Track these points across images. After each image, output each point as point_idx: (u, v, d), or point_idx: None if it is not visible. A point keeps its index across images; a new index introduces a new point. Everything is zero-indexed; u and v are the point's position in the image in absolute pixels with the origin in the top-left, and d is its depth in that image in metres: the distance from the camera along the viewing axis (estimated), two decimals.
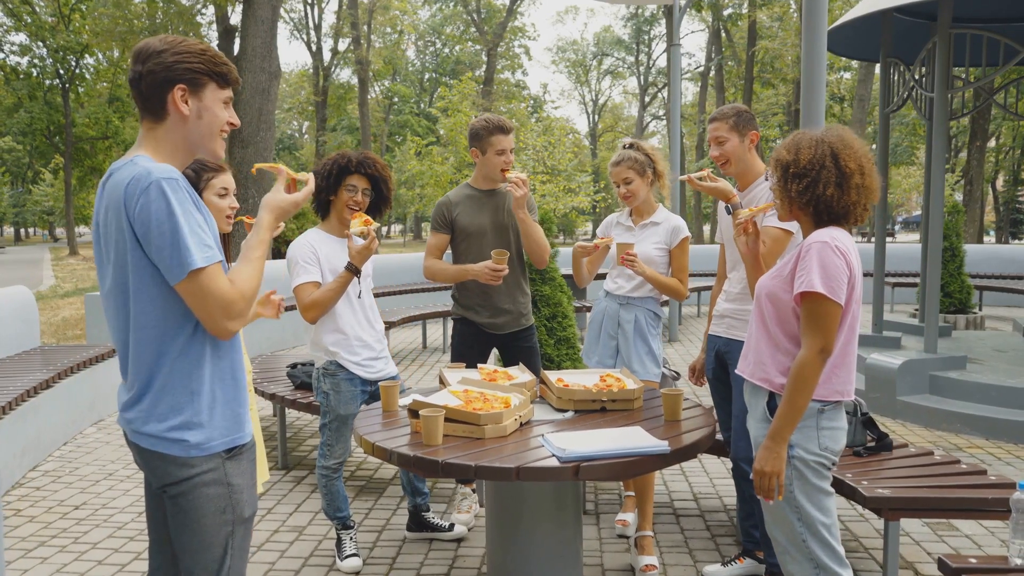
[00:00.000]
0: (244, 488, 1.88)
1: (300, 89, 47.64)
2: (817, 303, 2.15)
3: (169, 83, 1.80)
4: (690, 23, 40.68)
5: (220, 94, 1.88)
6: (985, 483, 3.08)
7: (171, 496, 1.82)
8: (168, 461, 1.79)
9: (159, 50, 1.80)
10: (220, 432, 1.83)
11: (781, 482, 2.21)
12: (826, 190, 2.21)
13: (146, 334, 1.78)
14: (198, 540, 1.82)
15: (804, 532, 2.26)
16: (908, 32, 7.02)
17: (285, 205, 1.99)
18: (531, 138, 23.22)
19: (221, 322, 1.78)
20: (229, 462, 1.84)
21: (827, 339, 2.15)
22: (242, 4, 13.21)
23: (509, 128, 3.60)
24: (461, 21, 43.03)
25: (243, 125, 12.83)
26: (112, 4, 23.70)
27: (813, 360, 2.15)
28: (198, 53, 1.83)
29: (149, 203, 1.69)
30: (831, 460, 2.27)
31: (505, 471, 2.28)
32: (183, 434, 1.79)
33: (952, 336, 7.80)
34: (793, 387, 2.17)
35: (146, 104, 1.82)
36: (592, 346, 3.75)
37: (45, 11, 31.81)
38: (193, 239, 1.72)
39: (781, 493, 2.23)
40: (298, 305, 3.27)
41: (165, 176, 1.72)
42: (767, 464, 2.21)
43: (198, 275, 1.72)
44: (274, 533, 3.90)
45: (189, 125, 1.84)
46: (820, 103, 3.96)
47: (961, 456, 4.99)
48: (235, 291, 1.79)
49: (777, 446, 2.20)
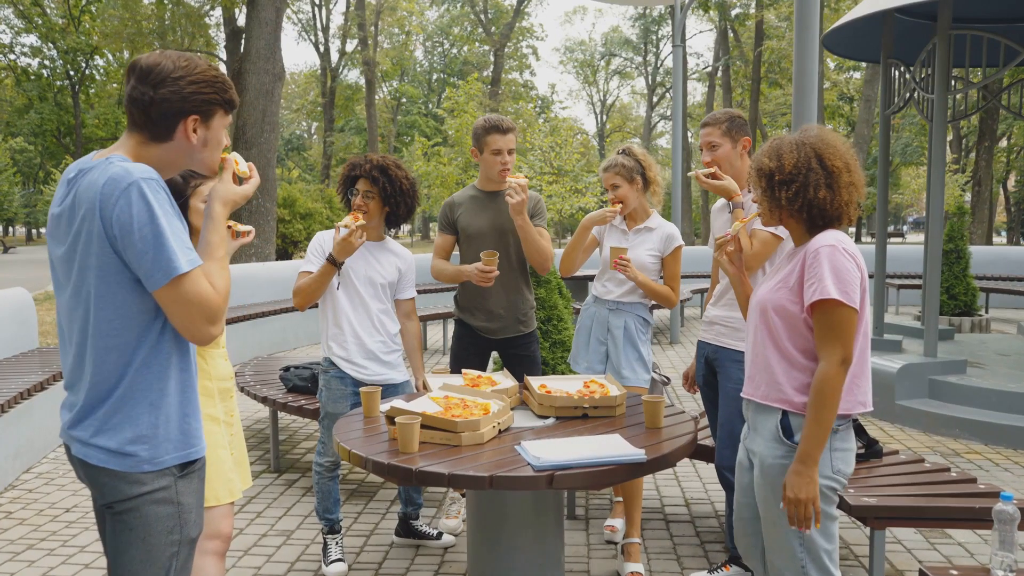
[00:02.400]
0: (193, 508, 1.82)
1: (309, 90, 47.78)
2: (833, 311, 2.05)
3: (183, 113, 1.75)
4: (698, 23, 40.56)
5: (225, 120, 1.85)
6: (974, 492, 3.04)
7: (117, 512, 1.74)
8: (118, 477, 1.72)
9: (175, 76, 1.73)
10: (174, 446, 1.77)
11: (818, 508, 2.06)
12: (817, 193, 2.12)
13: (108, 343, 1.71)
14: (140, 560, 1.74)
15: (805, 558, 2.16)
16: (909, 33, 6.96)
17: (236, 198, 1.91)
18: (538, 139, 23.21)
19: (203, 328, 1.71)
20: (181, 480, 1.78)
21: (847, 348, 2.04)
22: (246, 6, 13.23)
23: (507, 128, 3.54)
24: (468, 21, 43.05)
25: (247, 127, 12.86)
26: (121, 6, 23.87)
27: (836, 372, 2.03)
28: (211, 81, 1.78)
29: (130, 205, 1.63)
30: (841, 484, 2.17)
31: (479, 479, 2.26)
32: (136, 448, 1.72)
33: (955, 339, 7.73)
34: (818, 404, 2.04)
35: (151, 127, 1.75)
36: (581, 352, 3.72)
37: (56, 13, 32.01)
38: (176, 242, 1.66)
39: (819, 521, 2.08)
40: (294, 289, 3.41)
41: (145, 177, 1.66)
42: (801, 491, 2.05)
43: (182, 280, 1.66)
44: (262, 537, 3.90)
45: (192, 151, 1.81)
46: (812, 105, 3.92)
47: (959, 462, 4.94)
48: (217, 294, 1.73)
49: (809, 470, 2.05)
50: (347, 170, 3.45)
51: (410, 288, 3.57)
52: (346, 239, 3.17)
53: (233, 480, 2.70)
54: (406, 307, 3.57)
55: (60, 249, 1.76)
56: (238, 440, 2.80)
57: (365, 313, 3.39)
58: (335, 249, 3.21)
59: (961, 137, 33.40)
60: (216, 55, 26.79)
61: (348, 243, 3.18)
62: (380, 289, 3.42)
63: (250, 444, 5.48)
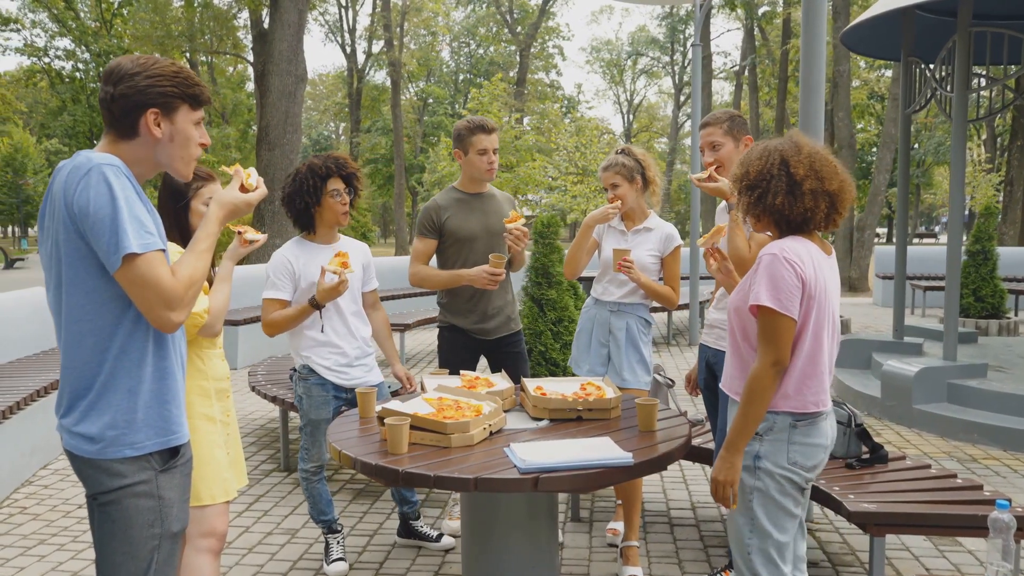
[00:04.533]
0: (175, 503, 1.85)
1: (336, 91, 48.12)
2: (768, 316, 2.12)
3: (141, 107, 1.80)
4: (726, 22, 40.19)
5: (192, 116, 1.88)
6: (979, 499, 2.98)
7: (101, 504, 1.79)
8: (100, 469, 1.77)
9: (131, 72, 1.79)
10: (154, 432, 1.80)
11: (735, 491, 2.19)
12: (775, 199, 2.16)
13: (81, 328, 1.75)
14: (123, 552, 1.79)
15: (752, 544, 2.21)
16: (930, 30, 6.83)
17: (238, 203, 1.96)
18: (563, 138, 23.17)
19: (161, 312, 1.74)
20: (162, 475, 1.82)
21: (779, 352, 2.12)
22: (269, 8, 13.37)
23: (491, 128, 3.58)
24: (494, 22, 43.07)
25: (270, 128, 13.00)
26: (151, 9, 24.20)
27: (765, 373, 2.12)
28: (171, 76, 1.82)
29: (88, 187, 1.68)
30: (802, 477, 2.20)
31: (463, 481, 2.26)
32: (114, 433, 1.76)
33: (979, 343, 7.59)
34: (747, 399, 2.15)
35: (116, 123, 1.81)
36: (583, 354, 3.71)
37: (89, 17, 32.57)
38: (132, 224, 1.69)
39: (735, 502, 2.21)
40: (261, 316, 3.32)
41: (106, 163, 1.71)
42: (721, 473, 2.20)
43: (135, 261, 1.69)
44: (267, 535, 3.93)
45: (160, 147, 1.85)
46: (820, 107, 3.87)
47: (975, 468, 4.85)
48: (175, 281, 1.75)
49: (731, 456, 2.18)
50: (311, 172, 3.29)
51: (373, 279, 3.59)
52: (335, 288, 3.14)
53: (228, 479, 2.72)
54: (371, 298, 3.60)
55: (45, 245, 1.82)
56: (234, 439, 2.83)
57: (341, 320, 3.37)
58: (320, 295, 3.17)
59: (995, 136, 32.70)
60: (244, 57, 27.11)
61: (336, 292, 3.16)
62: (351, 290, 3.40)
63: (261, 443, 5.54)
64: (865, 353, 7.13)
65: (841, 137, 17.77)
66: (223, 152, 33.35)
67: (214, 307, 2.54)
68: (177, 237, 2.59)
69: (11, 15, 30.19)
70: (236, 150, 33.81)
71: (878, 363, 6.57)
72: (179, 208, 2.60)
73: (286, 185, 3.35)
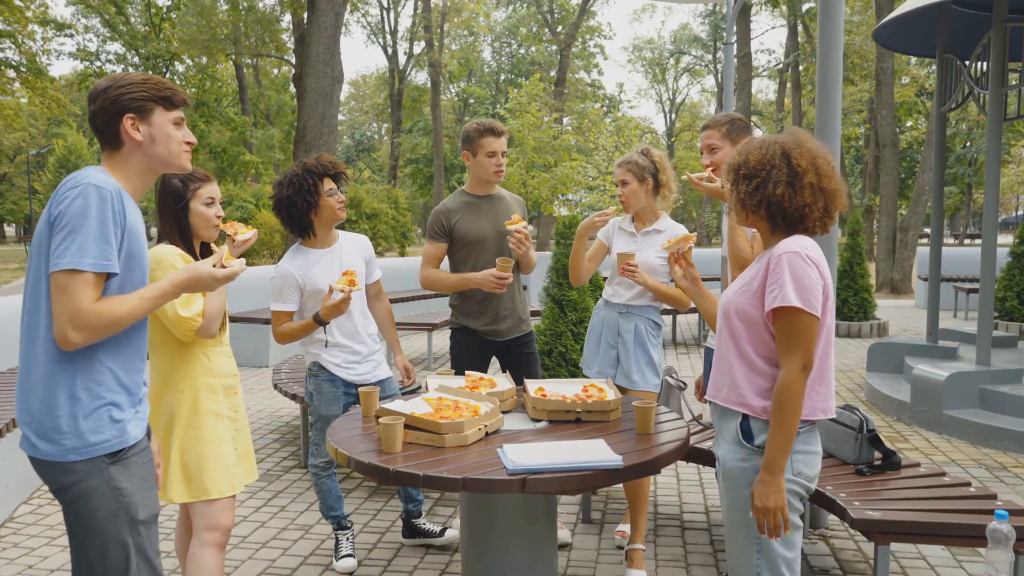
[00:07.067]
0: (134, 491, 1.90)
1: (379, 92, 48.59)
2: (793, 318, 2.01)
3: (118, 115, 1.92)
4: (770, 19, 39.54)
5: (169, 116, 1.99)
6: (990, 509, 2.90)
7: (66, 503, 1.87)
8: (52, 467, 1.84)
9: (104, 87, 1.95)
10: (102, 437, 1.86)
11: (786, 517, 2.03)
12: (776, 189, 2.08)
13: (29, 324, 1.85)
14: (97, 544, 1.86)
15: (760, 565, 2.11)
16: (965, 25, 6.65)
17: (204, 277, 2.01)
18: (603, 138, 23.06)
19: (65, 328, 1.77)
20: (113, 467, 1.87)
21: (807, 355, 2.02)
22: (307, 11, 13.58)
23: (500, 131, 3.61)
24: (535, 21, 43.06)
25: (307, 129, 13.18)
26: (197, 13, 24.73)
27: (795, 379, 2.01)
28: (140, 83, 1.95)
29: (72, 200, 1.78)
30: (804, 487, 2.12)
31: (451, 481, 2.28)
32: (59, 437, 1.82)
33: (1019, 347, 7.36)
34: (780, 411, 2.01)
35: (103, 137, 1.95)
36: (592, 356, 3.71)
37: (139, 21, 33.43)
38: (95, 244, 1.77)
39: (788, 529, 2.05)
40: (272, 326, 3.42)
41: (98, 184, 1.80)
42: (768, 500, 2.02)
43: (72, 274, 1.76)
44: (281, 531, 4.01)
45: (145, 149, 1.96)
46: (836, 107, 3.80)
47: (1005, 476, 4.71)
48: (96, 308, 1.78)
49: (775, 478, 2.02)
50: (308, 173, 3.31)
51: (376, 271, 3.65)
52: (338, 306, 3.18)
53: (236, 474, 2.79)
54: (374, 289, 3.66)
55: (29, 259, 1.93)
56: (243, 435, 2.89)
57: (348, 320, 3.43)
58: (324, 311, 3.22)
59: None
60: (287, 59, 27.55)
61: (340, 310, 3.21)
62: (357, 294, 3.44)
63: (282, 440, 5.64)
64: (898, 357, 6.97)
65: (884, 136, 17.37)
66: (267, 152, 33.95)
67: (209, 310, 2.60)
68: (177, 237, 2.66)
69: (65, 20, 31.15)
70: (280, 151, 34.34)
71: (909, 367, 6.43)
72: (179, 209, 2.67)
73: (278, 192, 3.36)
